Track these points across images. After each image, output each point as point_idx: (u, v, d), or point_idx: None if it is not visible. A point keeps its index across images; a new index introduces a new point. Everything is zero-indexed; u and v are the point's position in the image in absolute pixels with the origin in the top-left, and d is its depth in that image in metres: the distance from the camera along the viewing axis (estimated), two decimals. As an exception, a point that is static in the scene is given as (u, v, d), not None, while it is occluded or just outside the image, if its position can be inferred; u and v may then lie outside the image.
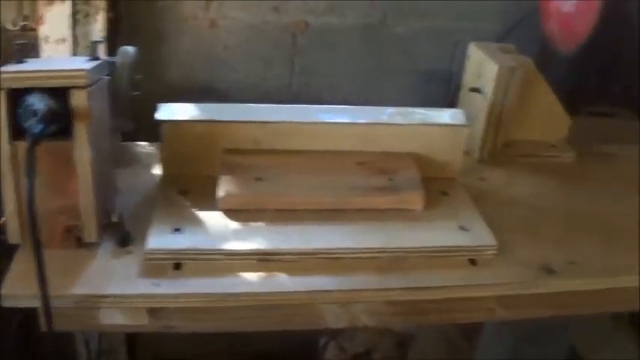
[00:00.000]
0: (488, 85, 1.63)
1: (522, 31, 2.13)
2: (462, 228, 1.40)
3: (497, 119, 1.66)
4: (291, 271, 1.28)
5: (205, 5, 1.92)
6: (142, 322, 1.23)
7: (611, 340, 2.26)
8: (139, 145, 1.66)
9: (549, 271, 1.37)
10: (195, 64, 1.99)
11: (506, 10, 2.17)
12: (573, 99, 2.10)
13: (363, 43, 2.10)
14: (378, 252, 1.32)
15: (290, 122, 1.47)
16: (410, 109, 1.55)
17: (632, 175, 1.75)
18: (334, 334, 2.32)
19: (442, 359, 2.27)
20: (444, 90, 1.94)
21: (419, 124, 1.51)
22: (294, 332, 1.33)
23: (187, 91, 1.99)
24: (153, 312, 1.24)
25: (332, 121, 1.49)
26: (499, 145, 1.71)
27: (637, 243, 1.49)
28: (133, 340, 2.20)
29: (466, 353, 2.21)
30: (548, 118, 1.76)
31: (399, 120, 1.51)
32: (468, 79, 1.75)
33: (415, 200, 1.43)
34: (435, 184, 1.52)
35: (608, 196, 1.67)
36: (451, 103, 1.89)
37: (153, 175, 1.52)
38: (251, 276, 1.26)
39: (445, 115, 1.54)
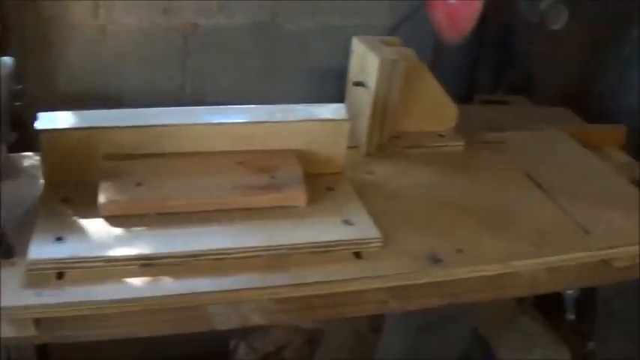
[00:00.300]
0: (372, 79, 1.63)
1: (417, 24, 2.13)
2: (346, 222, 1.40)
3: (382, 112, 1.66)
4: (175, 274, 1.27)
5: (94, 12, 1.89)
6: (30, 333, 1.21)
7: (515, 323, 2.28)
8: (25, 155, 1.62)
9: (436, 260, 1.38)
10: (87, 72, 1.98)
11: (398, 3, 2.17)
12: (468, 88, 2.12)
13: (255, 42, 2.09)
14: (261, 250, 1.32)
15: (168, 125, 1.46)
16: (292, 106, 1.55)
17: (522, 161, 1.77)
18: (245, 334, 2.31)
19: (350, 354, 2.27)
20: (339, 86, 1.92)
21: (299, 121, 1.51)
22: (207, 334, 1.31)
23: (80, 99, 1.96)
24: (40, 323, 1.22)
25: (210, 122, 1.48)
26: (386, 138, 1.71)
27: (525, 228, 1.49)
28: (43, 349, 2.16)
29: (374, 345, 2.22)
30: (434, 108, 1.78)
31: (279, 117, 1.50)
32: (353, 73, 1.73)
33: (298, 197, 1.43)
34: (320, 180, 1.52)
35: (496, 184, 1.69)
36: (345, 99, 1.88)
37: (38, 185, 1.49)
38: (135, 281, 1.25)
39: (327, 111, 1.54)
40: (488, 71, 2.45)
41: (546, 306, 2.37)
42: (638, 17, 2.34)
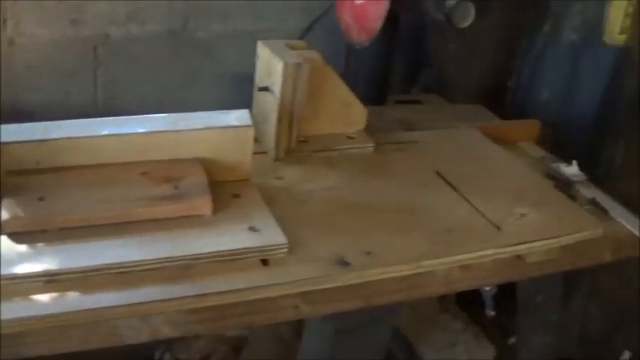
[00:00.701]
0: (277, 83, 1.62)
1: (329, 26, 2.13)
2: (252, 229, 1.40)
3: (289, 117, 1.66)
4: (80, 289, 1.26)
5: (1, 24, 1.86)
6: None
7: (437, 321, 2.28)
8: None
9: (344, 263, 1.38)
10: (-3, 86, 1.93)
11: (308, 6, 2.17)
12: (382, 88, 2.12)
13: (167, 50, 2.08)
14: (166, 261, 1.31)
15: (69, 138, 1.44)
16: (195, 114, 1.54)
17: (433, 160, 1.78)
18: (169, 344, 2.29)
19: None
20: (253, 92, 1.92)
21: (202, 129, 1.49)
22: (131, 346, 1.28)
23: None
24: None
25: (111, 133, 1.46)
26: (294, 143, 1.71)
27: (436, 227, 1.51)
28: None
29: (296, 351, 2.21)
30: (343, 110, 1.78)
31: (181, 126, 1.49)
32: (259, 78, 1.72)
33: (202, 206, 1.42)
34: (227, 187, 1.52)
35: (407, 184, 1.70)
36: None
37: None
38: (41, 298, 1.23)
39: (230, 117, 1.54)
40: (402, 71, 2.46)
41: (468, 303, 2.38)
42: (549, 13, 2.35)
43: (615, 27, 2.24)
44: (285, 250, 1.37)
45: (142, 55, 2.08)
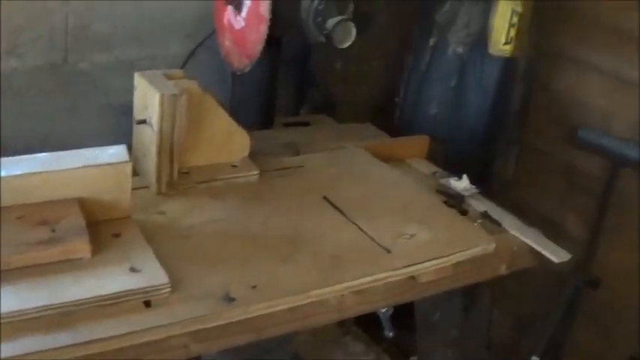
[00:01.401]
0: (155, 116, 1.58)
1: (214, 51, 2.10)
2: (133, 270, 1.38)
3: (169, 149, 1.64)
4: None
5: None
6: None
7: (339, 344, 2.26)
8: None
9: (229, 299, 1.37)
10: None
11: (192, 32, 2.14)
12: (269, 112, 2.09)
13: (50, 83, 2.04)
14: (44, 310, 1.26)
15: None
16: (72, 152, 1.51)
17: (319, 184, 1.77)
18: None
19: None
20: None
21: (77, 168, 1.45)
22: None
23: None
24: None
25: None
26: (176, 175, 1.68)
27: (323, 254, 1.53)
28: None
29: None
30: (225, 139, 1.76)
31: (56, 166, 1.44)
32: (137, 110, 1.69)
33: (80, 248, 1.39)
34: (106, 226, 1.49)
35: (293, 211, 1.70)
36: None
37: None
38: None
39: (106, 154, 1.50)
40: (290, 92, 2.44)
41: (368, 324, 2.37)
42: (434, 27, 2.36)
43: (500, 38, 2.26)
44: (168, 289, 1.34)
45: (25, 90, 2.02)
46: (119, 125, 2.02)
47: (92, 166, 1.49)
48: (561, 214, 2.70)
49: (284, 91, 2.41)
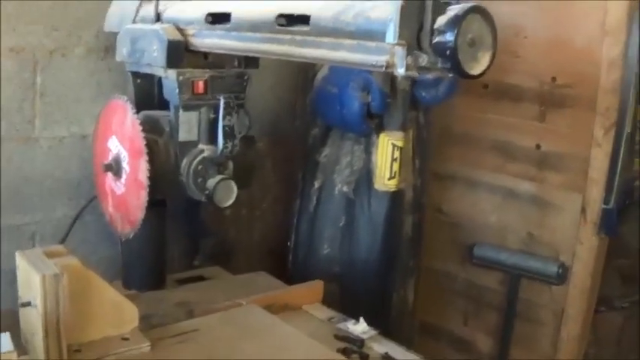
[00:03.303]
0: (38, 297, 1.55)
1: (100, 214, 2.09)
2: None
3: (55, 329, 1.60)
4: None
5: None
6: None
7: None
8: None
9: None
10: None
11: (76, 194, 2.14)
12: (160, 270, 2.07)
13: None
14: None
15: None
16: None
17: (214, 349, 1.74)
18: None
19: None
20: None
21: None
22: None
23: None
24: None
25: None
26: (66, 354, 1.62)
27: None
28: None
29: None
30: (113, 311, 1.74)
31: None
32: (21, 291, 1.65)
33: None
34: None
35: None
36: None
37: None
38: None
39: (-13, 344, 1.44)
40: (182, 244, 2.43)
41: None
42: (318, 168, 2.38)
43: (384, 173, 2.30)
44: None
45: None
46: (9, 294, 1.97)
47: (-27, 359, 1.44)
48: (469, 331, 2.72)
49: (176, 244, 2.40)
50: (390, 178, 2.33)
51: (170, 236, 2.23)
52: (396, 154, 2.31)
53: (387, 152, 2.31)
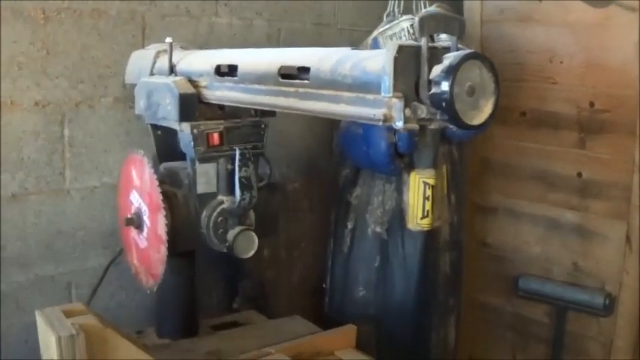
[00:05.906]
0: (54, 357, 1.54)
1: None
2: None
3: (74, 388, 1.58)
4: None
5: None
6: None
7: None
8: None
9: None
10: None
11: (110, 243, 2.14)
12: (191, 319, 2.06)
13: None
14: None
15: None
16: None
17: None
18: None
19: None
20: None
21: None
22: None
23: None
24: None
25: None
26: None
27: None
28: None
29: None
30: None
31: None
32: (42, 349, 1.67)
33: None
34: None
35: None
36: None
37: None
38: None
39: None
40: (221, 287, 2.42)
41: None
42: (350, 209, 2.37)
43: (417, 212, 2.26)
44: None
45: None
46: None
47: None
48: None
49: (214, 288, 2.40)
50: (423, 217, 2.29)
51: (209, 280, 2.23)
52: (428, 192, 2.27)
53: (418, 191, 2.27)
